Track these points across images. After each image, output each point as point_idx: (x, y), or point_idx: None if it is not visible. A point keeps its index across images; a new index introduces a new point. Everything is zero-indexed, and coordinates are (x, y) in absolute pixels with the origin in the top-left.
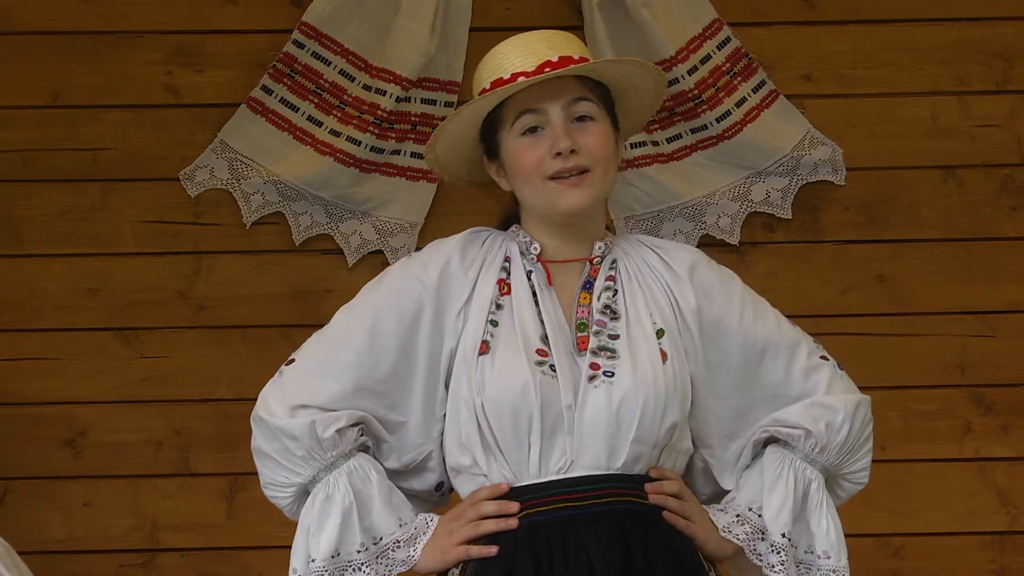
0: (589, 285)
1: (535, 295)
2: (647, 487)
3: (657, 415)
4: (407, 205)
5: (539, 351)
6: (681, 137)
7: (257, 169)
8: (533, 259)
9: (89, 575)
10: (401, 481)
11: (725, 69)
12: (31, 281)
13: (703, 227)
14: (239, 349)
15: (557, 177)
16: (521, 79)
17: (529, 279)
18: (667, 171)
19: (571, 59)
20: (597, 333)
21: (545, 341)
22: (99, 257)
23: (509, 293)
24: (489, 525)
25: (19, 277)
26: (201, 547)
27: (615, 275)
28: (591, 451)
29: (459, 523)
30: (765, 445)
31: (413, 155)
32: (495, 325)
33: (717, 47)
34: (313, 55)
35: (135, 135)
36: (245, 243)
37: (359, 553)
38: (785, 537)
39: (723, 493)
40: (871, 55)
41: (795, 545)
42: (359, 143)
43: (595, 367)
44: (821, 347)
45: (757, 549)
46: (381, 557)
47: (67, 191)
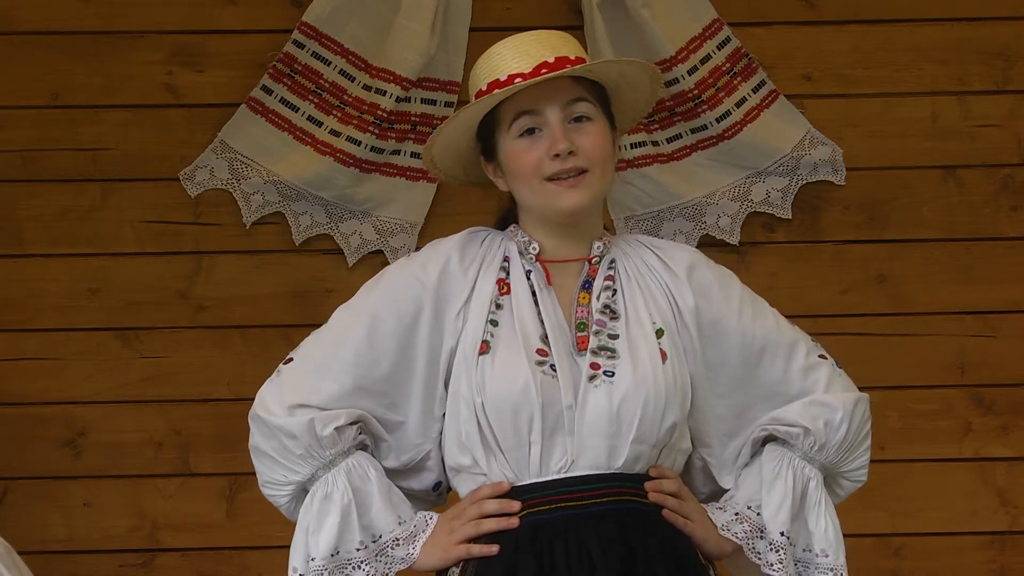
0: (588, 285)
1: (534, 295)
2: (646, 486)
3: (657, 415)
4: (407, 205)
5: (539, 351)
6: (681, 137)
7: (257, 169)
8: (532, 259)
9: (89, 575)
10: (399, 481)
11: (725, 69)
12: (31, 281)
13: (703, 227)
14: (239, 349)
15: (555, 178)
16: (518, 81)
17: (528, 279)
18: (667, 171)
19: (567, 59)
20: (597, 333)
21: (545, 341)
22: (99, 257)
23: (508, 293)
24: (490, 524)
25: (19, 277)
26: (201, 547)
27: (614, 275)
28: (592, 451)
29: (460, 521)
30: (764, 443)
31: (413, 155)
32: (495, 325)
33: (717, 47)
34: (313, 55)
35: (135, 135)
36: (245, 243)
37: (359, 551)
38: (784, 535)
39: (722, 492)
40: (871, 55)
41: (793, 543)
42: (359, 143)
43: (595, 367)
44: (819, 346)
45: (756, 547)
46: (380, 555)
47: (67, 191)
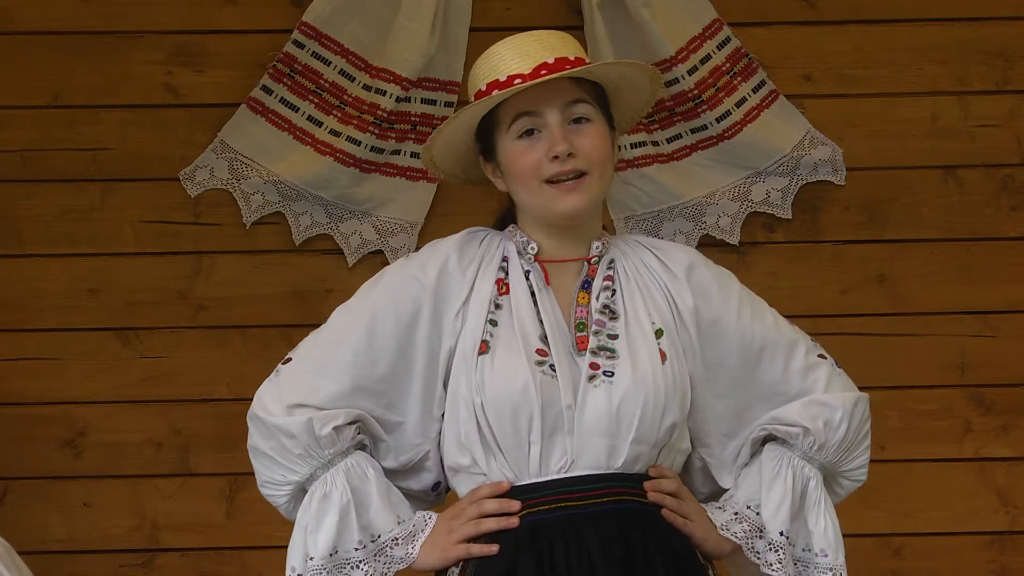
0: (587, 285)
1: (533, 295)
2: (645, 485)
3: (657, 415)
4: (407, 205)
5: (539, 351)
6: (681, 137)
7: (257, 169)
8: (531, 259)
9: (89, 575)
10: (398, 481)
11: (725, 69)
12: (31, 281)
13: (703, 227)
14: (239, 349)
15: (554, 181)
16: (517, 82)
17: (527, 279)
18: (667, 171)
19: (567, 60)
20: (596, 333)
21: (544, 341)
22: (99, 257)
23: (507, 293)
24: (490, 523)
25: (19, 277)
26: (201, 547)
27: (613, 275)
28: (591, 451)
29: (459, 521)
30: (764, 443)
31: (413, 155)
32: (494, 325)
33: (717, 47)
34: (313, 55)
35: (135, 135)
36: (245, 243)
37: (357, 551)
38: (783, 535)
39: (722, 492)
40: (871, 55)
41: (793, 543)
42: (359, 143)
43: (595, 367)
44: (819, 346)
45: (755, 547)
46: (379, 555)
47: (67, 191)
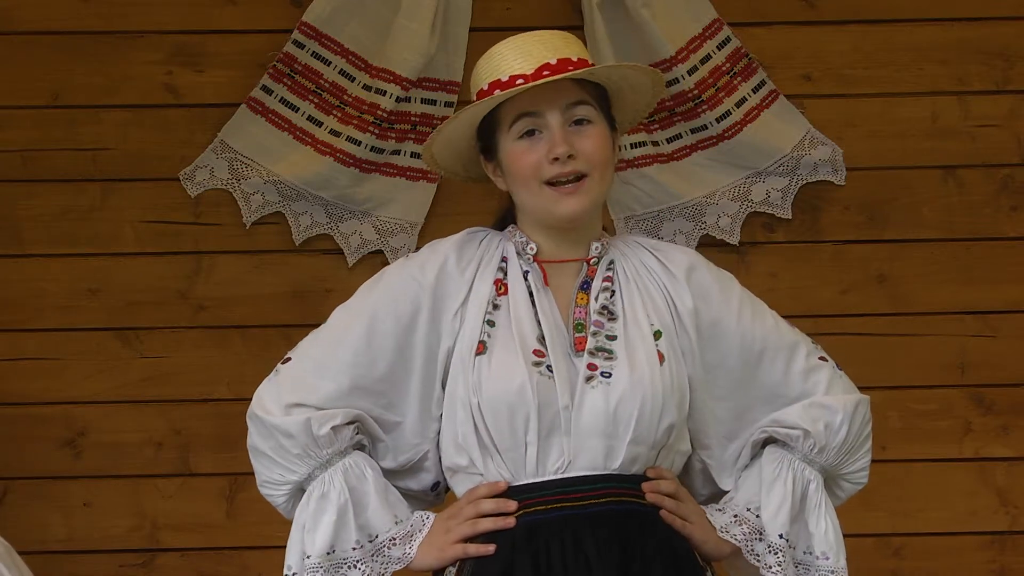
0: (586, 286)
1: (532, 295)
2: (643, 486)
3: (654, 416)
4: (407, 205)
5: (536, 351)
6: (681, 137)
7: (257, 169)
8: (529, 259)
9: (89, 575)
10: (397, 481)
11: (725, 69)
12: (31, 281)
13: (703, 227)
14: (239, 349)
15: (554, 183)
16: (519, 82)
17: (526, 279)
18: (667, 171)
19: (569, 61)
20: (595, 334)
21: (542, 342)
22: (99, 257)
23: (506, 293)
24: (487, 523)
25: (19, 277)
26: (201, 547)
27: (612, 276)
28: (588, 451)
29: (456, 521)
30: (764, 446)
31: (413, 155)
32: (492, 325)
33: (717, 47)
34: (313, 55)
35: (135, 135)
36: (245, 243)
37: (355, 550)
38: (782, 538)
39: (722, 494)
40: (871, 55)
41: (793, 546)
42: (359, 143)
43: (592, 368)
44: (820, 348)
45: (755, 550)
46: (377, 555)
47: (67, 191)
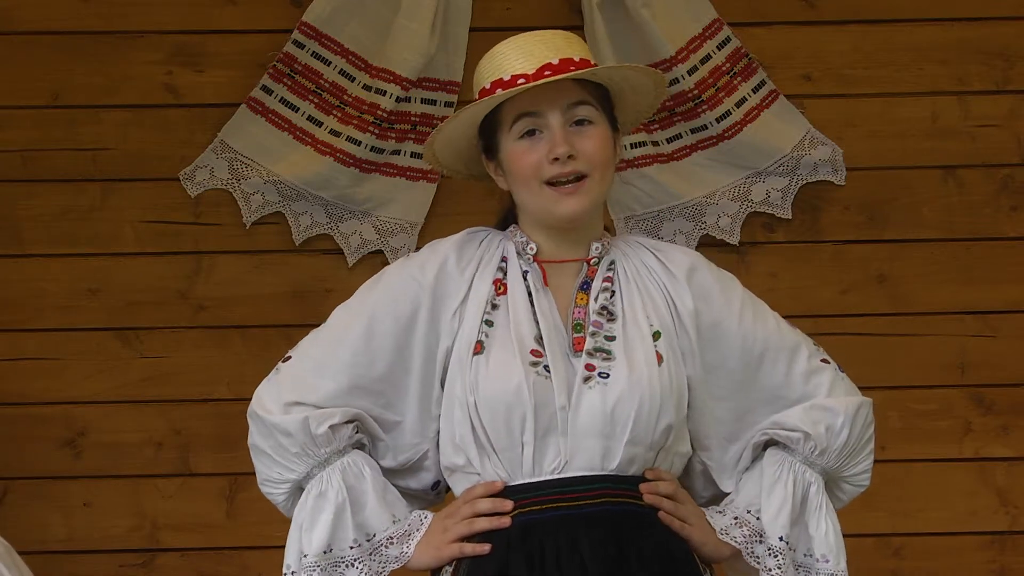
0: (586, 286)
1: (531, 295)
2: (642, 487)
3: (652, 417)
4: (407, 205)
5: (534, 351)
6: (681, 137)
7: (257, 169)
8: (529, 259)
9: (89, 575)
10: (397, 480)
11: (725, 69)
12: (31, 281)
13: (703, 227)
14: (239, 349)
15: (554, 183)
16: (521, 82)
17: (525, 279)
18: (667, 171)
19: (571, 61)
20: (593, 334)
21: (540, 342)
22: (99, 257)
23: (505, 293)
24: (483, 523)
25: (19, 277)
26: (201, 547)
27: (613, 276)
28: (585, 452)
29: (453, 520)
30: (765, 448)
31: (413, 155)
32: (490, 325)
33: (717, 47)
34: (313, 55)
35: (135, 135)
36: (245, 243)
37: (352, 549)
38: (783, 540)
39: (723, 496)
40: (871, 55)
41: (793, 548)
42: (359, 143)
43: (590, 368)
44: (822, 350)
45: (755, 552)
46: (375, 554)
47: (67, 191)
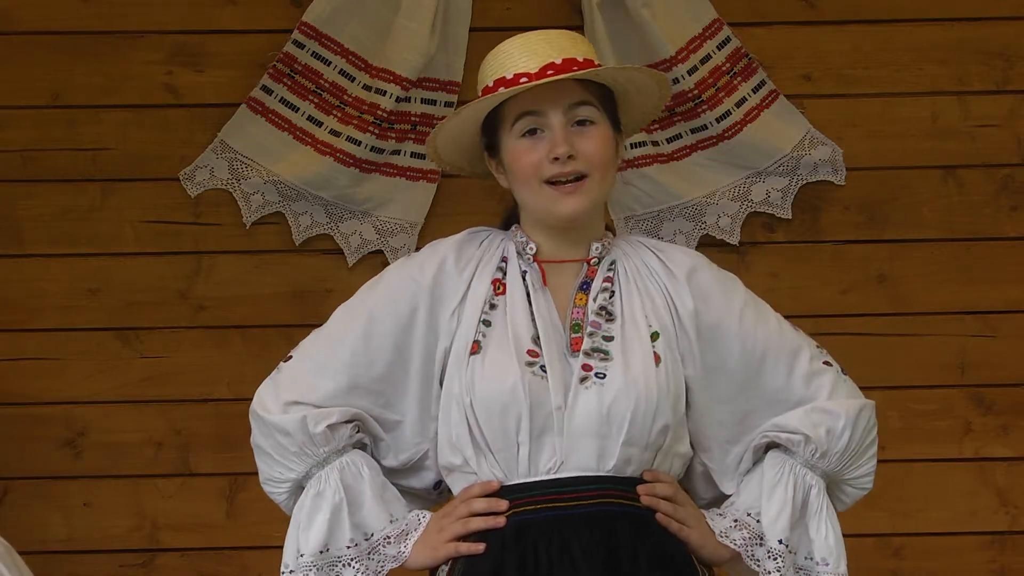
0: (586, 286)
1: (529, 295)
2: (639, 489)
3: (648, 418)
4: (407, 205)
5: (530, 351)
6: (681, 137)
7: (257, 169)
8: (529, 259)
9: (89, 575)
10: (400, 479)
11: (725, 69)
12: (31, 281)
13: (703, 227)
14: (239, 349)
15: (554, 182)
16: (523, 80)
17: (524, 279)
18: (667, 171)
19: (575, 61)
20: (591, 334)
21: (536, 342)
22: (99, 257)
23: (504, 293)
24: (477, 523)
25: (19, 277)
26: (201, 547)
27: (613, 276)
28: (581, 452)
29: (449, 520)
30: (767, 450)
31: (413, 155)
32: (488, 325)
33: (717, 47)
34: (313, 55)
35: (135, 135)
36: (245, 243)
37: (349, 548)
38: (782, 543)
39: (724, 498)
40: (871, 55)
41: (793, 551)
42: (359, 143)
43: (587, 368)
44: (825, 352)
45: (755, 555)
46: (373, 553)
47: (67, 191)
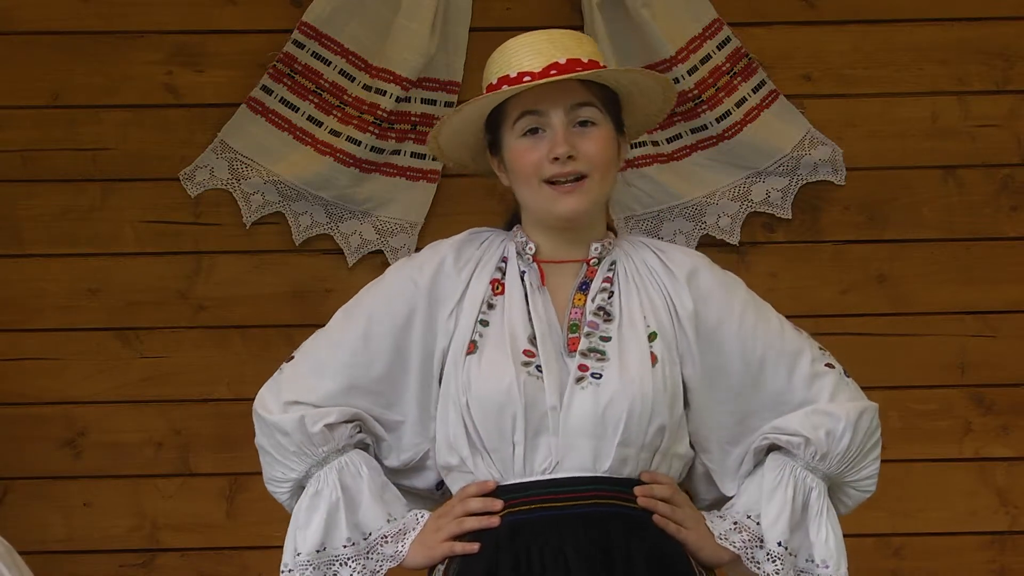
0: (585, 286)
1: (527, 295)
2: (636, 490)
3: (644, 418)
4: (407, 205)
5: (526, 351)
6: (681, 137)
7: (257, 169)
8: (528, 259)
9: (89, 575)
10: (403, 479)
11: (725, 69)
12: (31, 281)
13: (703, 227)
14: (239, 349)
15: (553, 182)
16: (527, 79)
17: (522, 279)
18: (667, 171)
19: (579, 61)
20: (588, 335)
21: (533, 342)
22: (99, 257)
23: (503, 293)
24: (472, 522)
25: (19, 277)
26: (201, 547)
27: (612, 277)
28: (576, 453)
29: (446, 519)
30: (768, 453)
31: (413, 155)
32: (485, 325)
33: (717, 47)
34: (313, 55)
35: (135, 135)
36: (245, 243)
37: (346, 548)
38: (781, 545)
39: (725, 499)
40: (871, 55)
41: (793, 554)
42: (359, 143)
43: (583, 369)
44: (828, 354)
45: (755, 557)
46: (371, 552)
47: (67, 191)
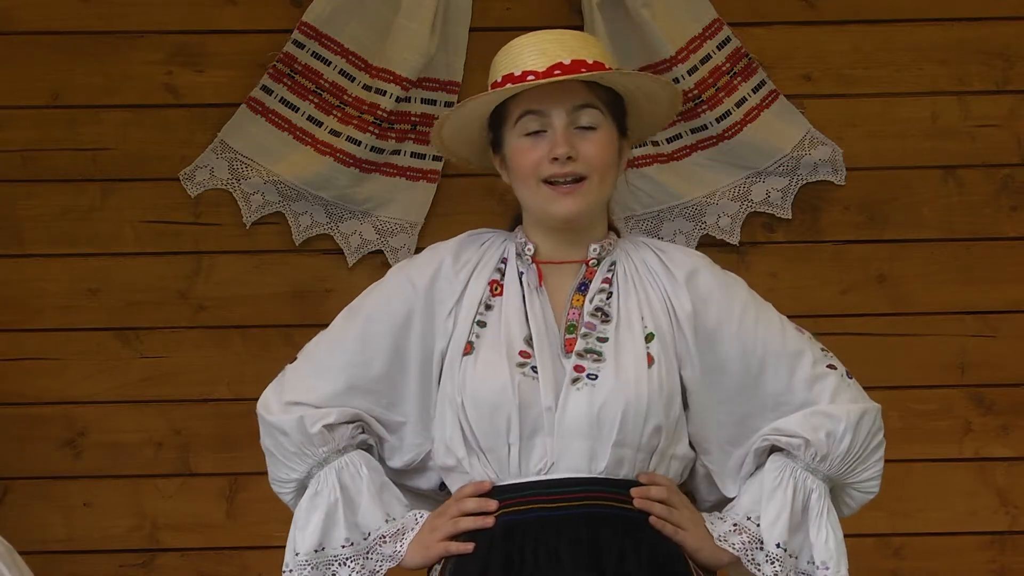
0: (584, 287)
1: (525, 296)
2: (633, 492)
3: (639, 419)
4: (407, 205)
5: (522, 352)
6: (681, 137)
7: (257, 169)
8: (527, 260)
9: (89, 575)
10: (407, 480)
11: (725, 69)
12: (31, 281)
13: (703, 227)
14: (239, 349)
15: (552, 182)
16: (530, 78)
17: (521, 280)
18: (667, 171)
19: (584, 63)
20: (585, 336)
21: (529, 343)
22: (99, 257)
23: (501, 294)
24: (467, 522)
25: (19, 277)
26: (201, 547)
27: (611, 277)
28: (572, 454)
29: (442, 520)
30: (769, 454)
31: (413, 155)
32: (482, 326)
33: (717, 47)
34: (313, 55)
35: (135, 135)
36: (245, 243)
37: (344, 548)
38: (780, 547)
39: (727, 500)
40: (871, 55)
41: (793, 555)
42: (359, 143)
43: (579, 369)
44: (830, 356)
45: (755, 559)
46: (371, 552)
47: (67, 191)
